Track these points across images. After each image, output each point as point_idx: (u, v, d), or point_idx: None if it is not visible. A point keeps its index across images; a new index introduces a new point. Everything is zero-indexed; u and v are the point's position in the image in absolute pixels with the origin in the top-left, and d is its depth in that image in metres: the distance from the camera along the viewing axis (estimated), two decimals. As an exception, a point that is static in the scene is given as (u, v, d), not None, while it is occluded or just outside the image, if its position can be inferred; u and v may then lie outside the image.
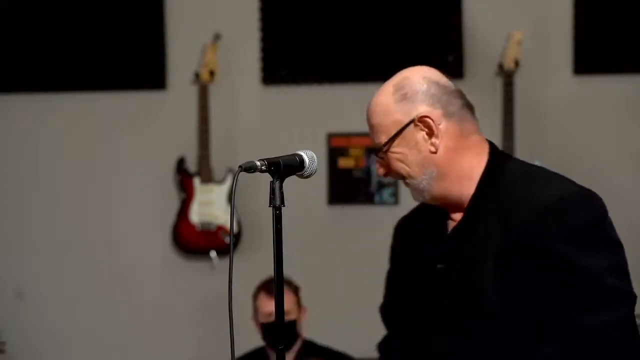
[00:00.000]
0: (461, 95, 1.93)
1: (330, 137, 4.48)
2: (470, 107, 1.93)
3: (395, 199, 4.37)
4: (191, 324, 4.52)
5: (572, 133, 4.31)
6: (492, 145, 1.94)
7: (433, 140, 1.86)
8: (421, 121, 1.86)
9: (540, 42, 4.33)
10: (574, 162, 4.25)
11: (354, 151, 4.45)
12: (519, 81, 4.19)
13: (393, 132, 1.88)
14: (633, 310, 1.74)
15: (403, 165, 1.90)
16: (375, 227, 4.38)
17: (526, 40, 4.20)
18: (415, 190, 1.93)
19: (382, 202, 4.38)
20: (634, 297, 1.75)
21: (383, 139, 1.90)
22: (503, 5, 4.36)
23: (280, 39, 4.51)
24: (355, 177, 4.45)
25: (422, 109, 1.87)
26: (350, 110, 4.46)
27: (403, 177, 1.93)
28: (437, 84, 1.90)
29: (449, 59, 4.28)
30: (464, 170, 1.88)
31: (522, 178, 1.87)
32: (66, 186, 4.58)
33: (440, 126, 1.86)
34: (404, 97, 1.89)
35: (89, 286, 4.54)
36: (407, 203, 4.31)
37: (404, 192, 4.37)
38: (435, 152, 1.86)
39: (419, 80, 1.90)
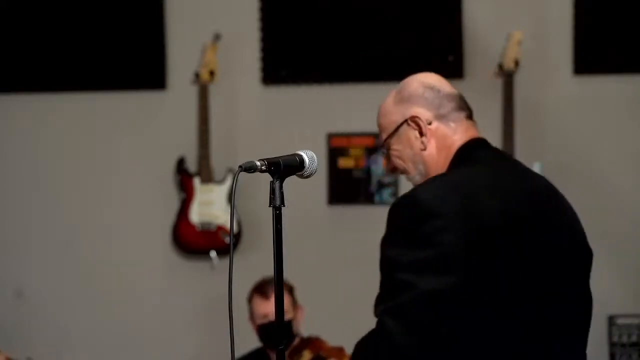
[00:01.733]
0: (455, 99, 2.09)
1: (330, 137, 4.48)
2: (464, 109, 2.09)
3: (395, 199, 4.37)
4: (191, 324, 4.52)
5: (572, 133, 4.31)
6: (462, 146, 2.04)
7: (423, 138, 2.05)
8: (413, 121, 2.06)
9: (540, 42, 4.33)
10: (574, 162, 4.26)
11: (354, 151, 4.45)
12: (519, 81, 4.19)
13: (391, 131, 2.08)
14: (425, 306, 1.79)
15: (400, 162, 2.11)
16: (375, 227, 4.35)
17: (526, 40, 4.21)
18: (415, 185, 2.09)
19: (382, 202, 4.38)
20: (435, 293, 1.79)
21: (384, 137, 2.12)
22: (503, 5, 4.37)
23: (280, 39, 4.51)
24: (355, 177, 4.45)
25: (415, 110, 2.05)
26: (350, 110, 4.47)
27: (403, 173, 2.14)
28: (432, 88, 2.08)
29: (449, 59, 4.28)
30: (440, 168, 2.04)
31: None
32: (66, 186, 4.58)
33: (431, 126, 2.05)
34: (402, 99, 2.10)
35: (89, 286, 4.54)
36: (407, 203, 4.35)
37: (404, 192, 4.38)
38: (424, 150, 2.06)
39: (416, 84, 2.10)
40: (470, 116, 2.09)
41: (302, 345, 3.67)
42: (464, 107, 2.09)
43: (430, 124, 2.05)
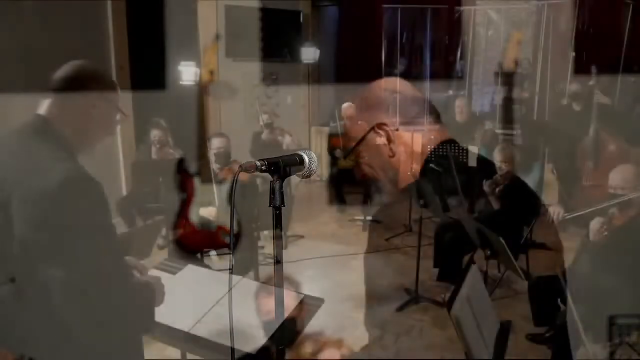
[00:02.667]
0: (420, 102, 2.06)
1: (331, 137, 4.48)
2: (430, 112, 2.05)
3: (395, 199, 4.37)
4: (191, 324, 4.52)
5: (572, 133, 4.31)
6: (432, 151, 2.04)
7: (391, 145, 2.01)
8: (380, 128, 2.01)
9: (540, 42, 4.33)
10: (573, 162, 4.26)
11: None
12: (518, 81, 4.20)
13: (359, 139, 2.05)
14: None
15: (370, 169, 2.07)
16: (375, 227, 4.39)
17: (526, 40, 4.21)
18: (385, 193, 2.09)
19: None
20: None
21: (352, 145, 2.08)
22: (503, 6, 4.37)
23: (280, 39, 4.51)
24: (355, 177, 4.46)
25: (381, 116, 2.01)
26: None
27: (374, 180, 2.10)
28: (396, 93, 2.05)
29: (449, 59, 4.29)
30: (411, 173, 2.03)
31: None
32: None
33: (398, 132, 2.01)
34: (367, 107, 2.06)
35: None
36: (407, 203, 4.35)
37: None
38: (393, 156, 2.01)
39: (380, 90, 2.06)
40: (437, 118, 2.08)
41: (304, 339, 3.69)
42: (430, 110, 2.05)
43: (397, 130, 2.02)
